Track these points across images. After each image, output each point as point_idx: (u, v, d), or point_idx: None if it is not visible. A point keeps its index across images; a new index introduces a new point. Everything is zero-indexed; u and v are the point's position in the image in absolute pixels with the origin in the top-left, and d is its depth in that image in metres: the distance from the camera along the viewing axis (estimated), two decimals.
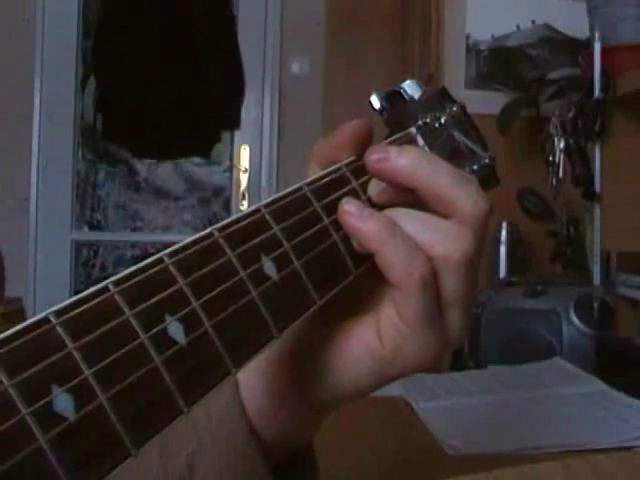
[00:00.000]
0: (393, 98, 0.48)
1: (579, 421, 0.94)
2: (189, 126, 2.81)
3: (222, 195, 2.98)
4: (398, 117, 0.47)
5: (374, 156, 0.40)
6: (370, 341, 0.40)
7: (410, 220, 0.39)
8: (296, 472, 0.47)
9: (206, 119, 2.82)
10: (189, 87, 2.78)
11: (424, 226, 0.39)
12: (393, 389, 1.05)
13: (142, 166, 2.98)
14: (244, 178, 2.91)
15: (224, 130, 2.90)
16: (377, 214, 0.39)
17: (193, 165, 2.98)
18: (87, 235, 2.99)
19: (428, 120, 0.47)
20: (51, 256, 2.86)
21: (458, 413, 0.99)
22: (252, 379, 0.44)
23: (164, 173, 2.98)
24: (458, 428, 0.92)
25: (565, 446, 0.84)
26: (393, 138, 0.46)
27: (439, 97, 0.49)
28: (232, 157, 2.95)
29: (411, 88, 0.48)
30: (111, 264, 3.00)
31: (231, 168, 2.95)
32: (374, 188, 0.42)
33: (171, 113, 2.77)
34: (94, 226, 2.99)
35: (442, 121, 0.48)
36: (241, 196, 2.91)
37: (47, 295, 2.77)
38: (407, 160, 0.40)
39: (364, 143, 0.42)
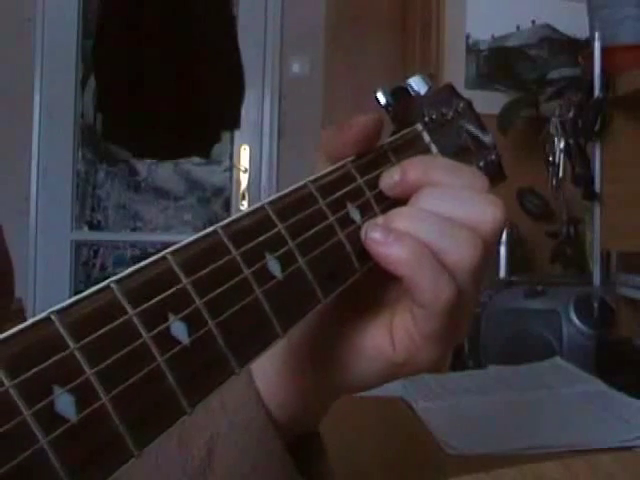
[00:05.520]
0: (399, 94, 0.47)
1: (579, 421, 0.94)
2: (189, 126, 2.81)
3: (222, 195, 2.98)
4: (404, 113, 0.46)
5: (373, 236, 0.39)
6: (382, 344, 0.41)
7: (426, 226, 0.39)
8: (305, 455, 0.47)
9: (206, 119, 2.82)
10: (189, 87, 2.78)
11: (439, 232, 0.39)
12: (393, 389, 1.05)
13: (142, 166, 2.97)
14: (244, 178, 2.91)
15: (224, 130, 2.90)
16: (403, 238, 0.38)
17: (193, 165, 2.98)
18: (87, 235, 2.99)
19: (434, 116, 0.47)
20: (51, 256, 2.86)
21: (458, 413, 0.99)
22: (266, 366, 0.45)
23: (164, 173, 2.98)
24: (458, 428, 0.92)
25: (565, 446, 0.84)
26: (399, 135, 0.45)
27: (446, 93, 0.49)
28: (232, 157, 2.94)
29: (417, 84, 0.47)
30: (111, 264, 3.00)
31: (231, 168, 2.95)
32: (386, 182, 0.41)
33: (171, 113, 2.77)
34: (94, 226, 2.99)
35: (448, 117, 0.47)
36: (241, 196, 2.91)
37: (47, 295, 2.77)
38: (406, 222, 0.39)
39: (374, 138, 0.42)
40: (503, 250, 1.69)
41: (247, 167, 2.91)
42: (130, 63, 2.76)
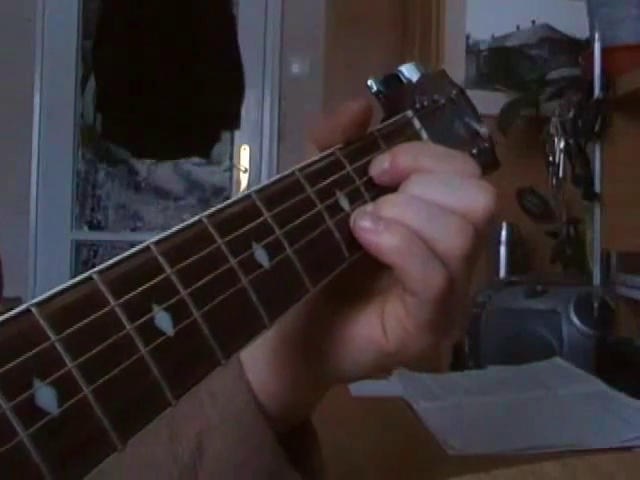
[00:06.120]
0: (390, 81, 0.46)
1: (579, 421, 0.93)
2: (189, 126, 2.80)
3: (222, 195, 2.98)
4: (395, 100, 0.46)
5: (362, 224, 0.38)
6: (374, 334, 0.40)
7: (416, 213, 0.38)
8: (298, 449, 0.47)
9: (206, 119, 2.81)
10: (189, 87, 2.78)
11: (429, 220, 0.38)
12: (393, 389, 1.05)
13: (142, 166, 2.97)
14: (244, 178, 2.91)
15: (224, 130, 2.90)
16: (392, 226, 0.37)
17: (193, 165, 2.98)
18: (87, 235, 2.99)
19: (426, 103, 0.46)
20: (51, 256, 2.85)
21: (458, 413, 0.99)
22: (257, 356, 0.44)
23: (164, 173, 2.98)
24: (458, 428, 0.92)
25: (565, 446, 0.84)
26: (389, 122, 0.44)
27: (438, 80, 0.48)
28: (232, 157, 2.94)
29: (409, 71, 0.47)
30: None
31: (231, 168, 2.95)
32: (375, 168, 0.41)
33: (171, 113, 2.77)
34: (94, 226, 2.99)
35: (440, 104, 0.46)
36: None
37: None
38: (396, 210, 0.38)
39: (363, 125, 0.41)
40: (503, 250, 1.69)
41: (247, 167, 2.91)
42: (130, 63, 2.76)
